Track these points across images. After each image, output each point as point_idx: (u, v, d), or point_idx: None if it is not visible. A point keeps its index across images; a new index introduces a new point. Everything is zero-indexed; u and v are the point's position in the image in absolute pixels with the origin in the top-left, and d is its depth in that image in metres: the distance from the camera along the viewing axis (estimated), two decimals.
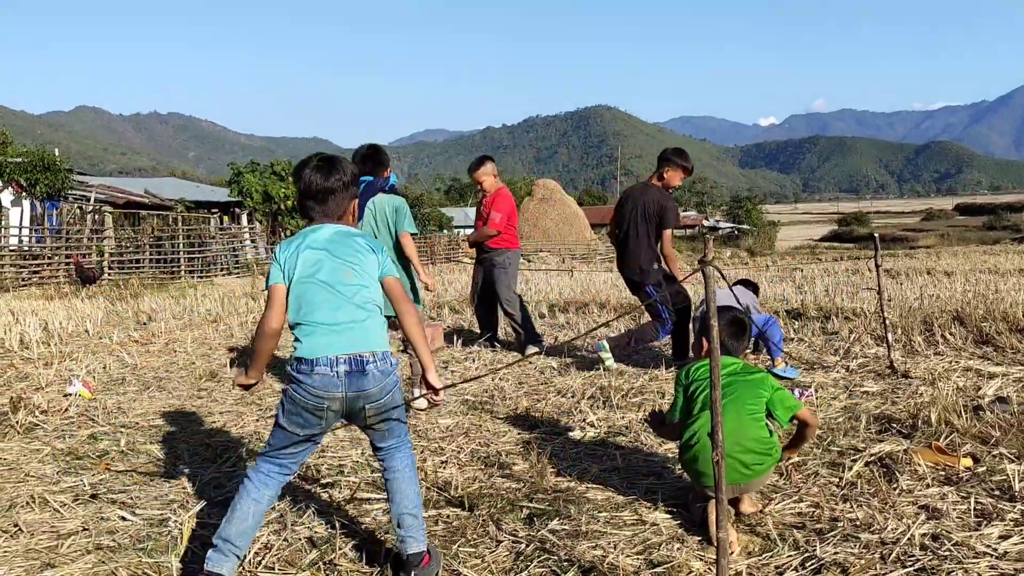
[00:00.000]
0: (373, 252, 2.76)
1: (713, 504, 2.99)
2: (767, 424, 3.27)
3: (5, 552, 3.05)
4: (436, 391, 2.78)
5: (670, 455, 4.03)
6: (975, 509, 3.16)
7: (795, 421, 3.42)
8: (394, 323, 2.93)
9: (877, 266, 5.97)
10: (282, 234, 28.03)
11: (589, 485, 3.65)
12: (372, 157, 5.22)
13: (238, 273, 23.28)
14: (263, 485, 2.70)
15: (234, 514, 2.66)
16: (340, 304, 2.64)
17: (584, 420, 4.77)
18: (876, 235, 6.32)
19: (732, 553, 2.84)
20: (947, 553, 2.78)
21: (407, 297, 2.81)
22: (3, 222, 21.34)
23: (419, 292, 5.31)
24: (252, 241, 27.61)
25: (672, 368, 6.15)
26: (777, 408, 3.26)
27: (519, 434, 4.54)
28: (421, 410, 5.01)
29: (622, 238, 6.44)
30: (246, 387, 2.88)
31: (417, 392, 5.03)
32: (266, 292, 2.75)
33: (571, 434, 4.50)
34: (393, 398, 2.71)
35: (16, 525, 3.29)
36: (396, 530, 2.76)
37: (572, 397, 5.36)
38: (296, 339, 2.64)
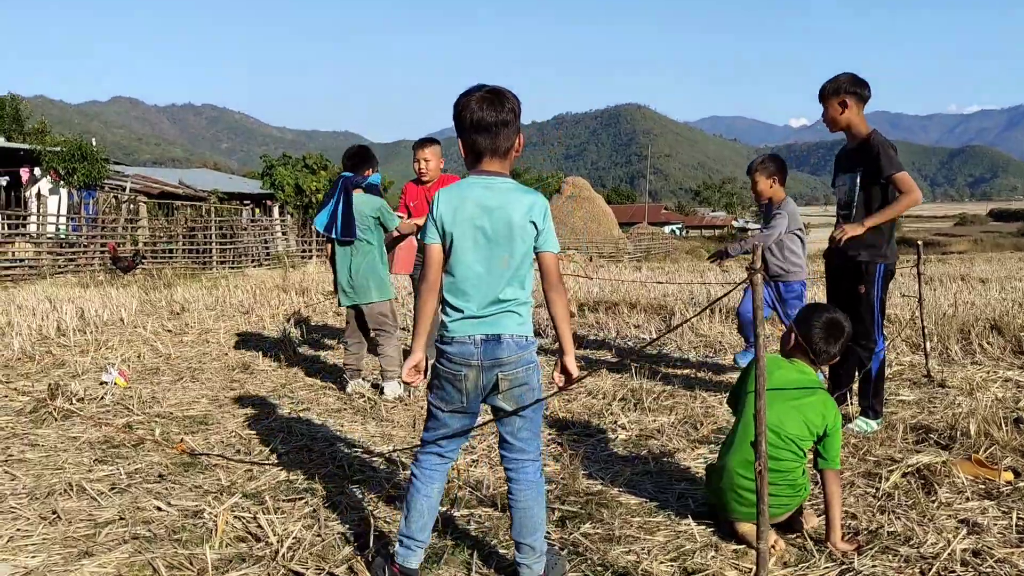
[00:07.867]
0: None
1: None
2: (796, 459, 2.99)
3: (44, 539, 3.09)
4: (571, 379, 2.61)
5: (703, 460, 3.99)
6: (1017, 525, 3.09)
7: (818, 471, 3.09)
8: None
9: (919, 273, 5.85)
10: (312, 227, 28.15)
11: (621, 489, 3.62)
12: (359, 155, 5.77)
13: (269, 265, 23.46)
14: (429, 480, 2.70)
15: (411, 512, 2.68)
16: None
17: (615, 422, 4.74)
18: (920, 243, 6.16)
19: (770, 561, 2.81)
20: (989, 570, 2.72)
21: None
22: (41, 210, 21.68)
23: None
24: (283, 234, 27.80)
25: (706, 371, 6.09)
26: (821, 452, 3.01)
27: (550, 435, 4.52)
28: None
29: None
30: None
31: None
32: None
33: (602, 436, 4.48)
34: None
35: (54, 512, 3.34)
36: (516, 552, 2.67)
37: (603, 398, 5.33)
38: None
